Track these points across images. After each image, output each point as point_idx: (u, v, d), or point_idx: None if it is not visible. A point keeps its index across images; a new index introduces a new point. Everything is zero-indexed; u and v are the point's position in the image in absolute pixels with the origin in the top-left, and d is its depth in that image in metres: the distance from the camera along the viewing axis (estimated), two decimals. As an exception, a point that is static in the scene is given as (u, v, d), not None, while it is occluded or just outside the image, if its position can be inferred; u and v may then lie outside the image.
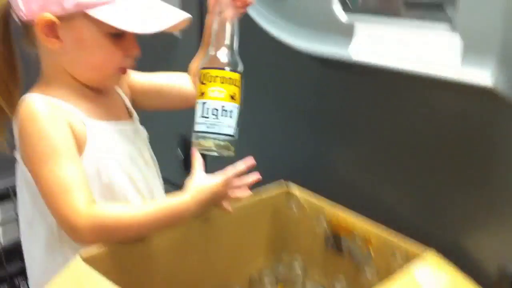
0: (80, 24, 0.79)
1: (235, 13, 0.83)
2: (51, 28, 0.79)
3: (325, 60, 0.93)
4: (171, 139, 1.35)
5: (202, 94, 0.80)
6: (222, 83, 0.80)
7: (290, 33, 0.97)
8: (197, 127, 0.80)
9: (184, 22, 0.83)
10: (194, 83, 0.97)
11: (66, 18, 0.79)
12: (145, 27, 0.79)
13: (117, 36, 0.81)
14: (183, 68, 1.16)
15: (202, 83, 0.80)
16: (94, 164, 0.81)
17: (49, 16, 0.78)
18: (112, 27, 0.79)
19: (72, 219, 0.73)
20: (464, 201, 0.86)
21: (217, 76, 0.80)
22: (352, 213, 0.88)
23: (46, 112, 0.78)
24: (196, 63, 0.97)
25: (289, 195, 0.97)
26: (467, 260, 0.84)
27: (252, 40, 1.09)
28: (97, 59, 0.83)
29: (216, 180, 0.80)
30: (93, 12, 0.78)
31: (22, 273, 1.19)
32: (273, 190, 0.96)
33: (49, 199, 0.76)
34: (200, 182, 0.80)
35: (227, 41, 0.82)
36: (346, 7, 0.89)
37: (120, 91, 0.95)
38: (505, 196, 0.81)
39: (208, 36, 0.90)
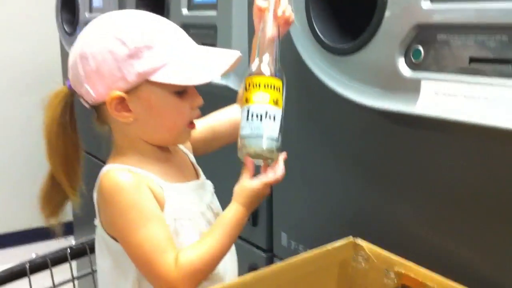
0: (146, 92, 0.85)
1: (277, 30, 0.89)
2: (121, 103, 0.85)
3: (390, 115, 0.96)
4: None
5: (247, 100, 0.85)
6: (265, 88, 0.84)
7: (354, 90, 1.01)
8: (242, 131, 0.85)
9: (237, 61, 0.89)
10: None
11: (133, 90, 0.84)
12: (204, 77, 0.85)
13: (181, 92, 0.87)
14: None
15: (247, 91, 0.85)
16: (171, 225, 0.87)
17: (117, 93, 0.84)
18: (175, 86, 0.85)
19: (169, 277, 0.80)
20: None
21: (260, 83, 0.85)
22: (420, 266, 0.88)
23: (130, 181, 0.84)
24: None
25: (356, 246, 0.98)
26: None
27: (315, 97, 1.15)
28: (168, 119, 0.88)
29: (257, 184, 0.86)
30: (155, 77, 0.83)
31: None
32: (340, 242, 0.98)
33: (142, 262, 0.82)
34: (246, 188, 0.86)
35: (270, 53, 0.87)
36: (410, 64, 0.92)
37: (182, 147, 1.01)
38: None
39: (254, 54, 0.94)
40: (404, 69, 0.92)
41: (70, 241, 3.35)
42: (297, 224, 1.20)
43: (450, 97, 0.84)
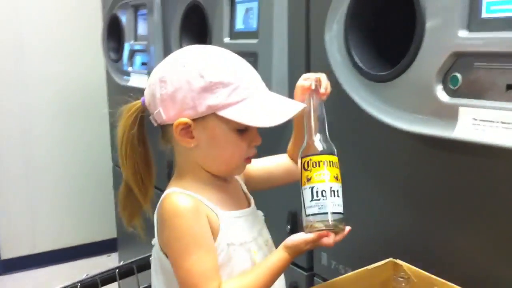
0: (212, 124, 0.91)
1: (318, 101, 0.95)
2: (186, 129, 0.91)
3: (427, 139, 0.99)
4: (280, 215, 1.42)
5: (309, 179, 0.89)
6: (326, 166, 0.88)
7: (392, 116, 1.04)
8: (309, 211, 0.89)
9: (300, 112, 0.94)
10: (292, 159, 1.09)
11: (199, 120, 0.91)
12: (268, 122, 0.90)
13: (242, 130, 0.93)
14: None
15: (306, 170, 0.89)
16: (224, 250, 0.92)
17: (185, 120, 0.90)
18: (239, 124, 0.90)
19: None
20: None
21: (320, 161, 0.89)
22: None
23: (189, 207, 0.90)
24: (291, 145, 1.10)
25: (396, 266, 1.01)
26: None
27: (354, 123, 1.18)
28: (227, 153, 0.94)
29: (303, 239, 0.89)
30: (223, 113, 0.89)
31: None
32: (380, 263, 1.00)
33: (187, 285, 0.88)
34: (293, 241, 0.90)
35: (319, 128, 0.92)
36: (448, 90, 0.95)
37: (237, 177, 1.06)
38: None
39: (298, 122, 1.02)
40: (442, 95, 0.95)
41: (113, 258, 3.43)
42: (338, 245, 1.23)
43: (488, 123, 0.87)
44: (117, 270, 1.23)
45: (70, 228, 3.44)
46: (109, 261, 3.39)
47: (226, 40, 1.56)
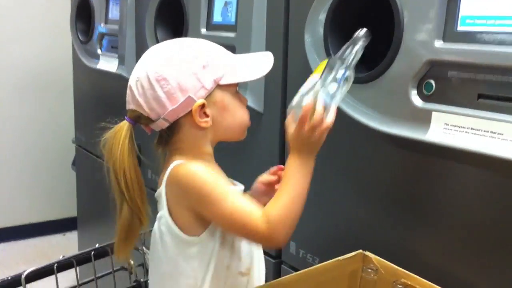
0: (219, 96, 0.99)
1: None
2: (201, 111, 0.97)
3: (398, 140, 1.05)
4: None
5: None
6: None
7: (369, 117, 1.10)
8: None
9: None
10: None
11: (208, 97, 0.97)
12: (259, 73, 1.02)
13: (236, 93, 1.02)
14: (267, 140, 1.30)
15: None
16: None
17: (201, 101, 0.96)
18: (235, 86, 1.00)
19: (266, 230, 0.91)
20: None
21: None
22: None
23: (203, 167, 0.96)
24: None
25: (365, 258, 1.06)
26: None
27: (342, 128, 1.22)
28: (238, 115, 1.03)
29: (298, 128, 0.94)
30: (225, 81, 0.98)
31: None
32: (350, 254, 1.06)
33: (239, 227, 0.93)
34: (293, 135, 0.95)
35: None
36: (422, 95, 1.01)
37: None
38: None
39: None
40: (416, 100, 1.02)
41: (68, 237, 3.42)
42: (307, 235, 1.29)
43: (458, 128, 0.94)
44: (92, 252, 1.26)
45: (28, 206, 3.40)
46: (64, 240, 3.38)
47: (203, 31, 1.58)
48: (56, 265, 1.20)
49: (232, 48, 1.46)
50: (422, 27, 1.00)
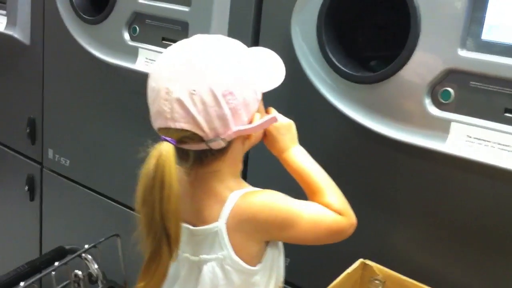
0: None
1: None
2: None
3: (393, 143, 1.02)
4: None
5: None
6: None
7: (369, 118, 1.05)
8: None
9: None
10: None
11: None
12: (281, 76, 0.94)
13: None
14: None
15: None
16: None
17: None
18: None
19: (344, 222, 0.91)
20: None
21: None
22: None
23: (270, 193, 0.90)
24: None
25: (366, 266, 1.04)
26: None
27: (323, 119, 1.14)
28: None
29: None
30: (265, 88, 0.90)
31: None
32: (354, 265, 1.02)
33: (324, 232, 0.90)
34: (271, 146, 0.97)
35: None
36: (437, 103, 0.98)
37: None
38: None
39: None
40: (430, 107, 0.98)
41: None
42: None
43: (483, 142, 0.93)
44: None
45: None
46: None
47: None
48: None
49: (184, 25, 1.29)
50: (442, 32, 0.95)
